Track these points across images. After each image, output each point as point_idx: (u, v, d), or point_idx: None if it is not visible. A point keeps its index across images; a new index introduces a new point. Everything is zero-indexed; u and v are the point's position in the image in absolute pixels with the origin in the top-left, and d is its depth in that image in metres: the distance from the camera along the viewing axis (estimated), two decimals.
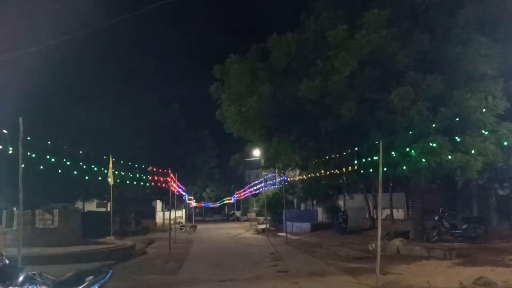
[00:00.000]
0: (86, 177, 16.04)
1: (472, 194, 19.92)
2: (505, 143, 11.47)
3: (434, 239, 16.05)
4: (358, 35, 12.54)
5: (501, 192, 20.41)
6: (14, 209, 16.84)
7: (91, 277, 5.06)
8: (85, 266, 11.61)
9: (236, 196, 42.15)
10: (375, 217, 24.06)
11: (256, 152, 30.70)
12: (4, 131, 8.61)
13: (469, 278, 9.39)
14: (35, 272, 4.79)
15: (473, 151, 11.54)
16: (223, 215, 58.31)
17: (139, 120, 26.28)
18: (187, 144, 32.86)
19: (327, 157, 15.22)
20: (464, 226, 16.10)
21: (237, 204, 48.48)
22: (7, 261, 4.81)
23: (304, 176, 20.76)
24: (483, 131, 11.60)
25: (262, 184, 29.71)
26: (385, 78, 13.14)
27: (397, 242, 15.07)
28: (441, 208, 17.11)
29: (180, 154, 30.52)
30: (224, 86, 16.82)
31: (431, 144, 11.66)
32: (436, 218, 16.67)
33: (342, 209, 27.63)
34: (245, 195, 39.15)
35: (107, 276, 5.28)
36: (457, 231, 16.12)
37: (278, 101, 15.55)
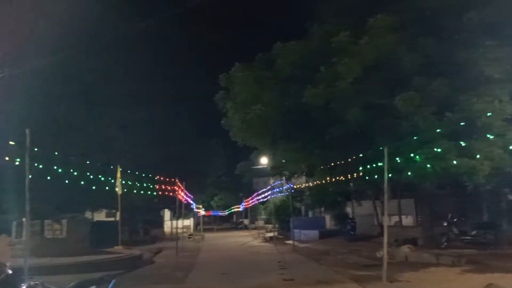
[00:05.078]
0: (93, 187, 16.15)
1: (481, 199, 19.65)
2: (511, 147, 11.31)
3: (443, 246, 15.86)
4: (362, 41, 12.53)
5: (511, 197, 20.10)
6: (23, 219, 16.99)
7: (93, 287, 5.08)
8: (90, 276, 11.65)
9: (244, 204, 42.04)
10: (383, 223, 23.83)
11: (264, 160, 30.65)
12: (11, 142, 8.74)
13: (479, 285, 9.26)
14: (37, 282, 4.82)
15: (478, 156, 11.41)
16: (231, 223, 58.20)
17: (146, 129, 26.43)
18: (195, 152, 32.90)
19: (333, 164, 15.17)
20: (474, 232, 15.89)
21: (246, 212, 48.33)
22: (10, 272, 4.86)
23: (310, 184, 20.71)
24: (489, 136, 11.46)
25: (270, 192, 29.64)
26: (390, 83, 13.09)
27: (406, 249, 14.95)
28: (450, 214, 16.92)
29: (188, 163, 30.56)
30: (229, 94, 16.91)
31: (436, 149, 11.56)
32: (445, 224, 16.48)
33: (350, 216, 27.45)
34: (253, 203, 39.06)
35: (110, 286, 5.29)
36: (466, 237, 15.92)
37: (283, 109, 15.58)
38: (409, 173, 12.42)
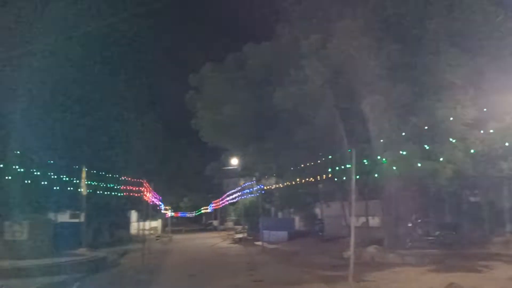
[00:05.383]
0: (56, 187, 15.64)
1: (444, 201, 20.27)
2: (472, 151, 11.74)
3: (407, 246, 16.24)
4: (330, 45, 12.72)
5: (472, 199, 20.83)
6: None
7: None
8: (52, 279, 11.29)
9: (213, 205, 41.73)
10: (351, 224, 24.16)
11: (234, 161, 30.58)
12: None
13: (441, 284, 9.52)
14: None
15: (441, 159, 11.77)
16: (200, 224, 57.63)
17: (114, 128, 25.82)
18: (163, 153, 32.45)
19: (302, 165, 15.30)
20: (437, 233, 16.38)
21: (215, 214, 47.95)
22: None
23: (280, 185, 20.82)
24: (452, 139, 11.85)
25: (239, 193, 29.55)
26: (357, 87, 13.34)
27: (372, 249, 15.19)
28: (414, 215, 17.36)
29: (156, 163, 30.09)
30: (200, 94, 16.80)
31: (401, 152, 11.85)
32: (410, 225, 16.90)
33: (319, 217, 27.72)
34: (223, 204, 38.86)
35: None
36: (430, 238, 16.38)
37: (253, 110, 15.62)
38: (376, 175, 12.67)
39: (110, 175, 18.51)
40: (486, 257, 13.41)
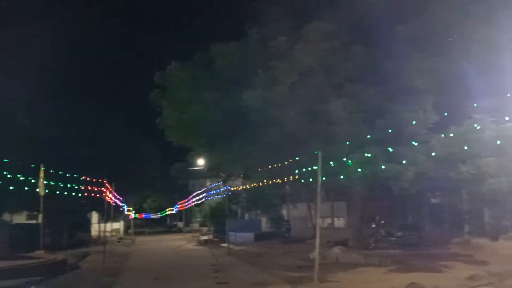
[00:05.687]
0: (11, 187, 14.92)
1: (407, 202, 20.82)
2: (433, 154, 12.07)
3: (371, 246, 16.54)
4: (298, 47, 12.75)
5: (433, 201, 21.51)
6: None
7: None
8: (7, 283, 10.74)
9: (178, 206, 41.18)
10: (316, 226, 24.39)
11: (200, 161, 30.22)
12: None
13: (402, 284, 9.71)
14: None
15: (404, 162, 12.03)
16: (165, 226, 56.77)
17: (75, 126, 25.00)
18: (127, 152, 31.64)
19: (269, 167, 15.26)
20: (399, 233, 16.78)
21: (180, 215, 47.38)
22: None
23: (247, 186, 20.74)
24: (414, 143, 12.12)
25: (205, 194, 29.27)
26: (325, 89, 13.43)
27: (336, 250, 15.36)
28: (378, 216, 17.72)
29: (120, 163, 29.29)
30: (165, 93, 16.45)
31: (366, 154, 12.04)
32: (373, 226, 17.23)
33: (286, 219, 27.86)
34: (189, 205, 38.41)
35: None
36: (392, 238, 16.76)
37: (221, 110, 15.44)
38: (342, 177, 12.81)
39: (69, 175, 17.84)
40: (446, 257, 13.86)
